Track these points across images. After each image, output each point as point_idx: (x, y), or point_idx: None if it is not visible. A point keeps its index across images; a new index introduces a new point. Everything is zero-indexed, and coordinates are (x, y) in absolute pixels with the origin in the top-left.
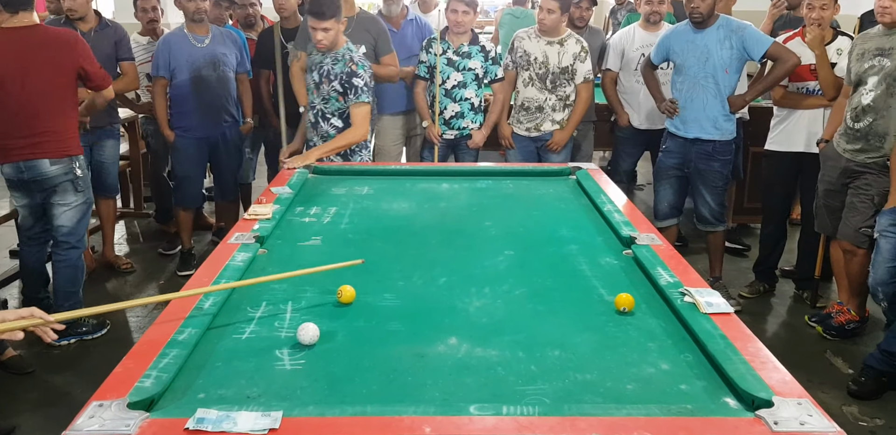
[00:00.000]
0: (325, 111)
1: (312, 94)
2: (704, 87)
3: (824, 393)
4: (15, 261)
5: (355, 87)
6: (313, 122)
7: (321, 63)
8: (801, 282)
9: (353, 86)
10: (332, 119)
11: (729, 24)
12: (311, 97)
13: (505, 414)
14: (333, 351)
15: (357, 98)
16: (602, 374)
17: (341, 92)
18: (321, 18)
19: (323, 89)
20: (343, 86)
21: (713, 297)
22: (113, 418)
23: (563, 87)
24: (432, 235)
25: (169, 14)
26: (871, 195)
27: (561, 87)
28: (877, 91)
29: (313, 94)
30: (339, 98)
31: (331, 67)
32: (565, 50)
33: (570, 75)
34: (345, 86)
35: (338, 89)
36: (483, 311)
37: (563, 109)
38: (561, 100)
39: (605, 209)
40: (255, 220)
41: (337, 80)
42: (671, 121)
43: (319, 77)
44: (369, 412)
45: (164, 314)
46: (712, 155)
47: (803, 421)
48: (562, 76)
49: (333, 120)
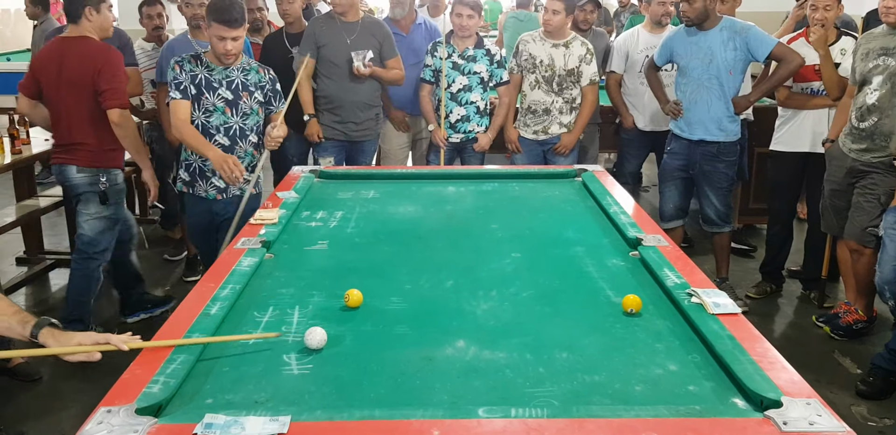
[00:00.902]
0: (245, 128)
1: (224, 114)
2: (709, 88)
3: (832, 393)
4: (22, 268)
5: (279, 93)
6: (228, 145)
7: (227, 78)
8: (808, 282)
9: (277, 92)
10: (249, 136)
11: (733, 25)
12: (223, 118)
13: (514, 416)
14: (341, 355)
15: (280, 104)
16: (610, 375)
17: (264, 102)
18: (234, 26)
19: (241, 105)
20: (267, 95)
21: (720, 297)
22: (121, 424)
23: (570, 90)
24: (439, 238)
25: (174, 20)
26: (877, 194)
27: (567, 89)
28: (882, 90)
29: (225, 114)
30: (259, 110)
31: (243, 79)
32: (571, 52)
33: (576, 77)
34: (268, 94)
35: (260, 100)
36: (490, 313)
37: (569, 112)
38: (567, 102)
39: (612, 211)
40: (262, 224)
41: (259, 90)
42: (675, 122)
43: (233, 93)
44: (377, 416)
45: (171, 320)
46: (717, 156)
47: (812, 421)
48: (568, 78)
49: (251, 136)
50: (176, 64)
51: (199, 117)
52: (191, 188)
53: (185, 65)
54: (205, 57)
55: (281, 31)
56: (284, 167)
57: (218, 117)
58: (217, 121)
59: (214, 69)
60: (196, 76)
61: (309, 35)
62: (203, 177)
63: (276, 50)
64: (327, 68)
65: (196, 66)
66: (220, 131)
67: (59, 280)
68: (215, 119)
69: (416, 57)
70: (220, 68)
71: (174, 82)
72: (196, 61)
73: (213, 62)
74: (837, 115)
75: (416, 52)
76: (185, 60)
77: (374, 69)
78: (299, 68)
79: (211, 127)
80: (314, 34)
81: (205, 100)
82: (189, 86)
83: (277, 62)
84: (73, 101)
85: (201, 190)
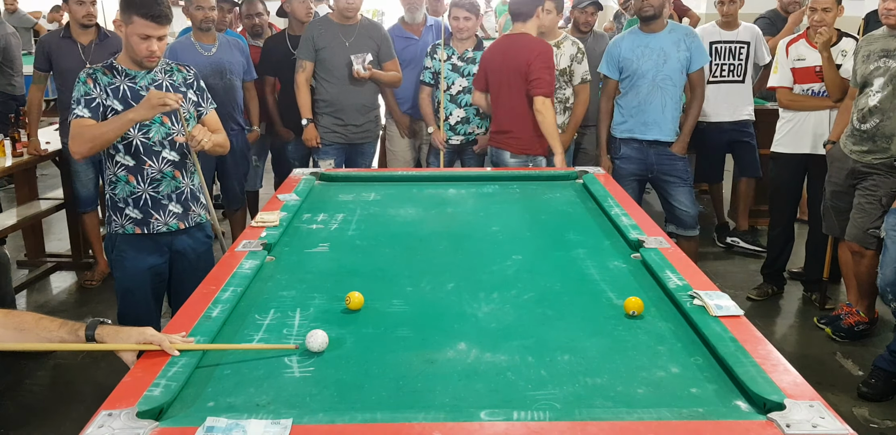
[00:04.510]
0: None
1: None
2: (663, 88)
3: (834, 395)
4: (23, 271)
5: (205, 91)
6: (177, 160)
7: (153, 81)
8: (809, 284)
9: (203, 90)
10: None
11: (679, 28)
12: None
13: (515, 419)
14: (342, 358)
15: (210, 105)
16: (612, 378)
17: (196, 102)
18: (163, 23)
19: (179, 109)
20: (196, 93)
21: (722, 299)
22: (122, 428)
23: (563, 90)
24: (440, 241)
25: (175, 23)
26: (878, 196)
27: (560, 89)
28: (883, 92)
29: (164, 124)
30: (194, 112)
31: (170, 81)
32: (562, 52)
33: (568, 77)
34: (197, 93)
35: (193, 99)
36: (492, 316)
37: (563, 112)
38: (561, 102)
39: (613, 213)
40: (263, 227)
41: (189, 89)
42: (623, 126)
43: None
44: (379, 419)
45: (172, 324)
46: (673, 155)
47: (815, 423)
48: (560, 78)
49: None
50: (88, 77)
51: (137, 136)
52: (145, 227)
53: (98, 77)
54: (117, 64)
55: (283, 33)
56: (285, 170)
57: (158, 130)
58: (158, 135)
59: (136, 75)
60: (117, 89)
61: (307, 39)
62: (158, 206)
63: (279, 52)
64: (326, 72)
65: (113, 77)
66: (166, 146)
67: (60, 283)
68: (155, 133)
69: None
70: (141, 73)
71: (84, 98)
72: (111, 72)
73: (132, 68)
74: (839, 116)
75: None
76: (97, 72)
77: (373, 72)
78: (297, 72)
79: (154, 144)
80: (312, 38)
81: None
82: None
83: (280, 64)
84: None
85: (160, 224)
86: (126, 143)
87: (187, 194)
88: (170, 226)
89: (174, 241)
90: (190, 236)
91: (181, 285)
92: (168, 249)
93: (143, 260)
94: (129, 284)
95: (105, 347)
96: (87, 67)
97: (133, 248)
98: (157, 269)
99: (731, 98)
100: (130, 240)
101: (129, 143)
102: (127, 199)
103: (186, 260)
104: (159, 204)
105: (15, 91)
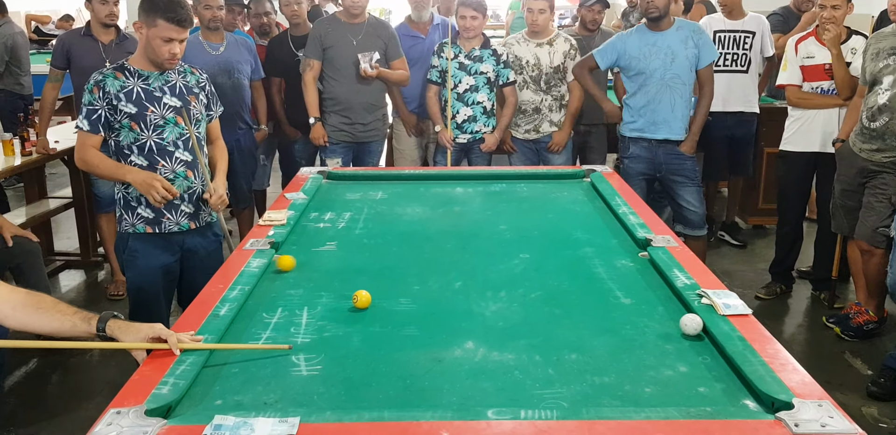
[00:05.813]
0: (200, 137)
1: (178, 125)
2: (672, 87)
3: (843, 394)
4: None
5: (215, 95)
6: (190, 160)
7: (167, 82)
8: (818, 283)
9: (213, 94)
10: (205, 145)
11: (687, 25)
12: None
13: (523, 418)
14: (350, 356)
15: (218, 107)
16: (620, 377)
17: (206, 104)
18: (186, 26)
19: (192, 111)
20: (208, 96)
21: (731, 298)
22: (131, 425)
23: (558, 87)
24: (447, 240)
25: None
26: (888, 195)
27: (555, 87)
28: (892, 90)
29: (179, 124)
30: (205, 114)
31: (184, 83)
32: (555, 49)
33: (562, 74)
34: (208, 96)
35: (204, 102)
36: (499, 314)
37: (559, 110)
38: (556, 100)
39: (620, 211)
40: (270, 226)
41: (203, 92)
42: (632, 125)
43: (179, 99)
44: (386, 418)
45: (180, 322)
46: (682, 155)
47: (824, 423)
48: (555, 76)
49: (205, 145)
50: (95, 85)
51: (151, 137)
52: (157, 227)
53: (107, 84)
54: (129, 65)
55: (286, 33)
56: (293, 168)
57: (172, 131)
58: (172, 135)
59: (150, 76)
60: (131, 92)
61: (314, 37)
62: (171, 206)
63: (281, 52)
64: (334, 70)
65: (126, 79)
66: (180, 146)
67: (69, 281)
68: (169, 133)
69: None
70: (155, 74)
71: (87, 108)
72: (123, 74)
73: (145, 68)
74: (848, 114)
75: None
76: (107, 77)
77: (380, 70)
78: (305, 71)
79: (168, 144)
80: (319, 36)
81: (151, 115)
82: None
83: (283, 64)
84: None
85: (172, 223)
86: (140, 144)
87: (199, 194)
88: (181, 225)
89: (185, 240)
90: (200, 235)
91: (191, 284)
92: (179, 248)
93: (155, 259)
94: (141, 283)
95: (112, 346)
96: (97, 72)
97: (145, 247)
98: (168, 268)
99: (734, 88)
100: (142, 239)
101: (142, 144)
102: (140, 199)
103: (197, 258)
104: (171, 203)
105: (23, 90)
